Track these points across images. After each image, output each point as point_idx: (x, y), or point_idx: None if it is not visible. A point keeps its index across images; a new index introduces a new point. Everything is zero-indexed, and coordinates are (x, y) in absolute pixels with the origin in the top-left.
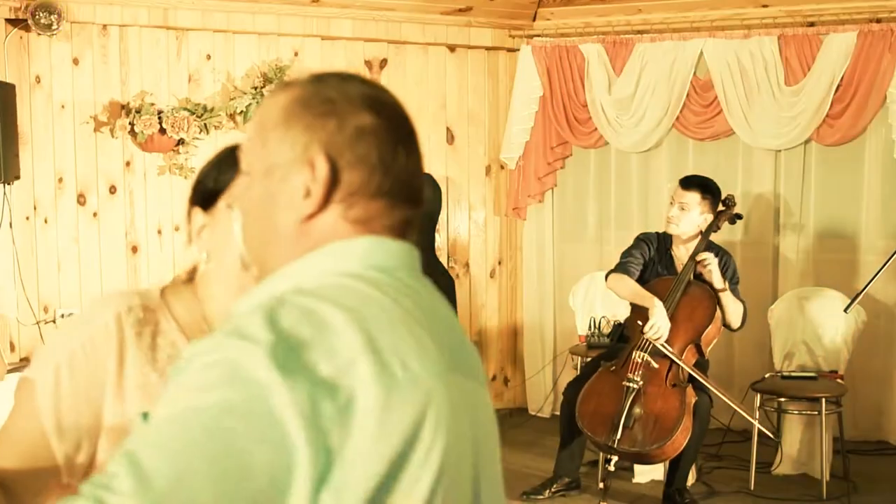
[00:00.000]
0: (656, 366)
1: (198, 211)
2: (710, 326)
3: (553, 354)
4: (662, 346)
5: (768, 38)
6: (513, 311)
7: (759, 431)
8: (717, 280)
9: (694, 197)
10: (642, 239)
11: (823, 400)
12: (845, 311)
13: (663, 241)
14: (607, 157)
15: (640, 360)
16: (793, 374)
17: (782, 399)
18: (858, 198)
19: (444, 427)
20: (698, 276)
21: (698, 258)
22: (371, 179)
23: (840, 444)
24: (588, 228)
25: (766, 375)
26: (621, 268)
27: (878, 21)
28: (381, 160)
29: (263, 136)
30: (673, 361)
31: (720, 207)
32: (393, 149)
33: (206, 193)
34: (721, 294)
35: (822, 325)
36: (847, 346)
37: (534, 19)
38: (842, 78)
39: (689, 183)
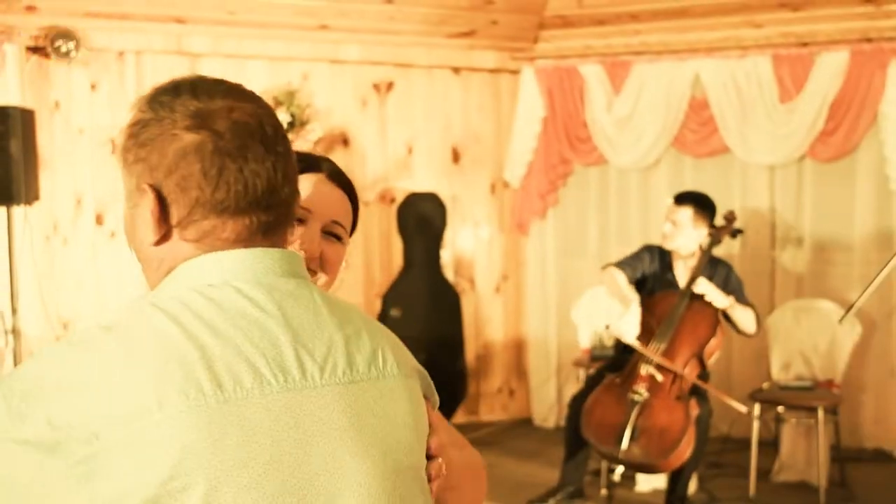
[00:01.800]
0: (661, 379)
1: None
2: (712, 340)
3: (557, 366)
4: (659, 359)
5: (762, 57)
6: (517, 324)
7: (760, 437)
8: (720, 302)
9: (686, 213)
10: (647, 248)
11: (820, 409)
12: (840, 322)
13: (665, 256)
14: (607, 175)
15: (645, 374)
16: (790, 383)
17: (780, 408)
18: (852, 211)
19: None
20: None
21: (696, 291)
22: (200, 197)
23: (837, 451)
24: (589, 243)
25: (765, 385)
26: (619, 264)
27: (869, 41)
28: (206, 176)
29: (121, 164)
30: (676, 374)
31: (721, 223)
32: (221, 162)
33: None
34: (728, 311)
35: (818, 336)
36: (843, 355)
37: (535, 42)
38: (835, 96)
39: (682, 199)
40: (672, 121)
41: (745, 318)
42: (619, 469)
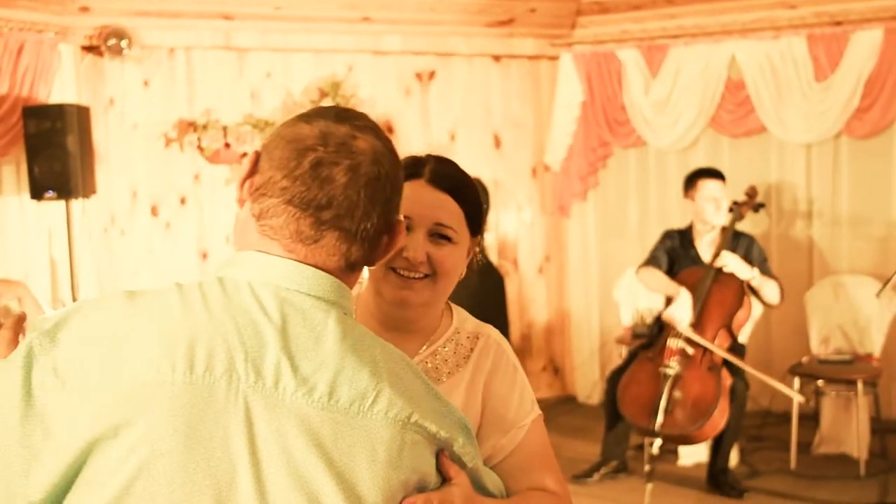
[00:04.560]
0: (691, 352)
1: None
2: (739, 311)
3: (599, 344)
4: (691, 333)
5: (797, 38)
6: (560, 304)
7: (800, 411)
8: (744, 273)
9: (719, 186)
10: (666, 234)
11: (859, 382)
12: (878, 295)
13: (686, 236)
14: (646, 156)
15: (675, 347)
16: (829, 357)
17: (820, 382)
18: (889, 187)
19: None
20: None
21: (718, 265)
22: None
23: (877, 423)
24: (629, 224)
25: (804, 359)
26: (650, 261)
27: None
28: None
29: None
30: (706, 347)
31: (743, 198)
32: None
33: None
34: (751, 282)
35: (856, 310)
36: (881, 329)
37: (573, 28)
38: (869, 73)
39: (706, 175)
40: (709, 102)
41: (768, 289)
42: (658, 443)
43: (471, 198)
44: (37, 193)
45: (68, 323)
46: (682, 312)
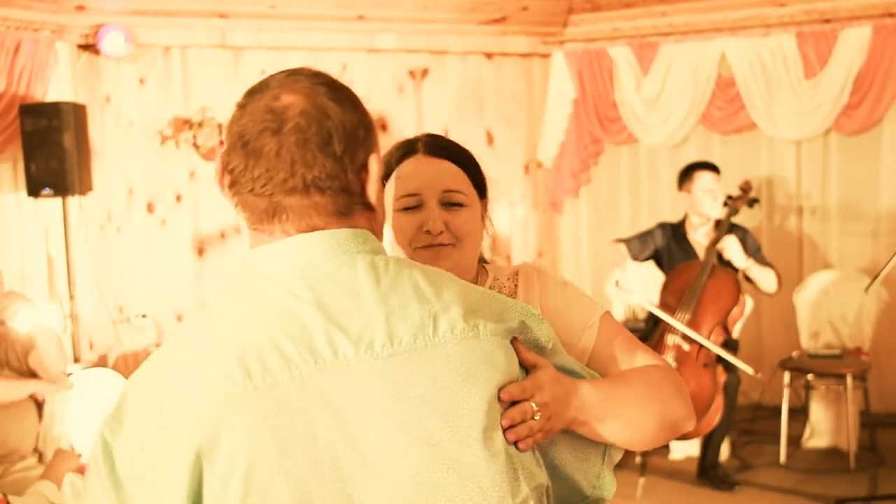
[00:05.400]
0: (687, 348)
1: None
2: (735, 308)
3: None
4: (686, 329)
5: (786, 35)
6: None
7: (790, 405)
8: (739, 260)
9: (713, 177)
10: (660, 226)
11: (849, 376)
12: (867, 290)
13: (679, 230)
14: (638, 153)
15: (671, 343)
16: (819, 352)
17: (810, 376)
18: (877, 183)
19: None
20: (722, 258)
21: (718, 247)
22: None
23: (867, 417)
24: (621, 220)
25: (794, 354)
26: (625, 239)
27: (892, 15)
28: None
29: None
30: (702, 343)
31: (738, 193)
32: None
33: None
34: (748, 270)
35: (845, 305)
36: (870, 323)
37: (564, 26)
38: (858, 70)
39: (700, 167)
40: (699, 99)
41: (765, 277)
42: None
43: (470, 160)
44: (33, 191)
45: (127, 400)
46: (630, 283)
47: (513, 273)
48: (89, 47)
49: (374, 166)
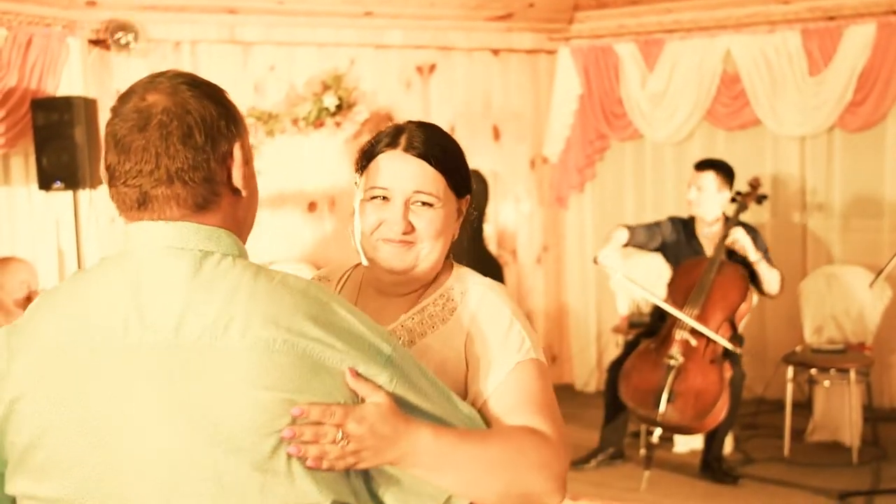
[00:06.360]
0: (695, 343)
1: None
2: (742, 304)
3: (596, 333)
4: (695, 323)
5: (791, 32)
6: (558, 294)
7: (794, 399)
8: (752, 252)
9: (709, 177)
10: (670, 219)
11: (852, 370)
12: (870, 286)
13: (689, 226)
14: (643, 149)
15: (679, 338)
16: (823, 347)
17: (813, 370)
18: (881, 179)
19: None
20: (731, 255)
21: (728, 242)
22: None
23: (870, 412)
24: (626, 215)
25: (798, 348)
26: (629, 226)
27: None
28: None
29: None
30: (710, 338)
31: (746, 189)
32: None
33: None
34: (756, 266)
35: (849, 300)
36: (874, 319)
37: (570, 22)
38: (862, 67)
39: (703, 165)
40: (704, 95)
41: (770, 277)
42: (658, 431)
43: (449, 160)
44: (45, 184)
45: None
46: (608, 257)
47: (467, 290)
48: (100, 42)
49: (239, 153)
